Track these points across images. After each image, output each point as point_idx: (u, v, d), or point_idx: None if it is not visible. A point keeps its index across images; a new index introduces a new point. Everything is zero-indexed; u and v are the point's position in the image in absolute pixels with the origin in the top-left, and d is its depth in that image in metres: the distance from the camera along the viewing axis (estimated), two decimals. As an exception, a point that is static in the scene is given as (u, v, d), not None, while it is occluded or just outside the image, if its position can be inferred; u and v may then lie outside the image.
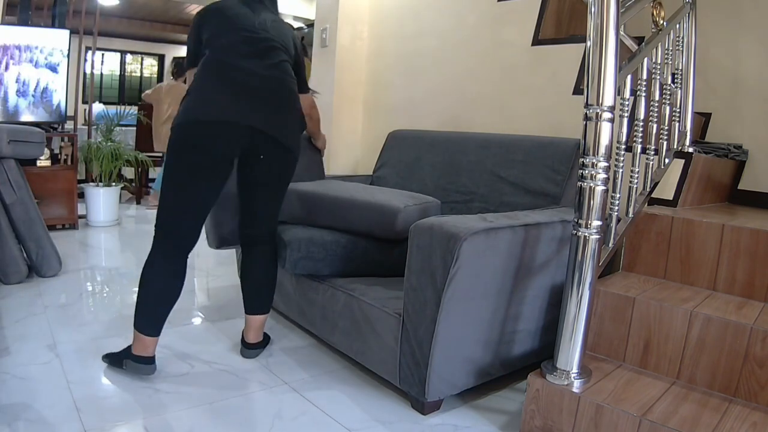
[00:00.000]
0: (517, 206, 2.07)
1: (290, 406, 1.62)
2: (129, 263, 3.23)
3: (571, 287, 1.39)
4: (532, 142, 2.18)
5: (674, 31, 1.97)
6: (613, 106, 1.33)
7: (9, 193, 2.55)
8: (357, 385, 1.77)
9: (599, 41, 1.31)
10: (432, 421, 1.58)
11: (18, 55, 3.64)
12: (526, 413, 1.48)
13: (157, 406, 1.56)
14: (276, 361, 1.92)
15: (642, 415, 1.28)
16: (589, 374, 1.46)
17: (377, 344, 1.67)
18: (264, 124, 1.66)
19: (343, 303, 1.81)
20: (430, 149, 2.58)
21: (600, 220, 1.36)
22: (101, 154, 4.07)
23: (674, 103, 2.04)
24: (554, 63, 2.41)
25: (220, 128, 1.62)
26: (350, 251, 1.92)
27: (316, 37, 3.43)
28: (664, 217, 1.80)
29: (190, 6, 6.93)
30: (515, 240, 1.56)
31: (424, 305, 1.48)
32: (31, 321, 2.12)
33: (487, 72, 2.70)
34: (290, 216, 2.10)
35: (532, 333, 1.75)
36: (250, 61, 1.67)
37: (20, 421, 1.42)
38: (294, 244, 1.88)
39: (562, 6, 2.58)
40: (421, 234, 1.49)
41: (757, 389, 1.37)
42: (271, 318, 2.34)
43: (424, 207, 1.95)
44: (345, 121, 3.34)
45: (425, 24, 3.03)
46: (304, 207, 2.08)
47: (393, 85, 3.22)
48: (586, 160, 1.34)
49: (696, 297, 1.61)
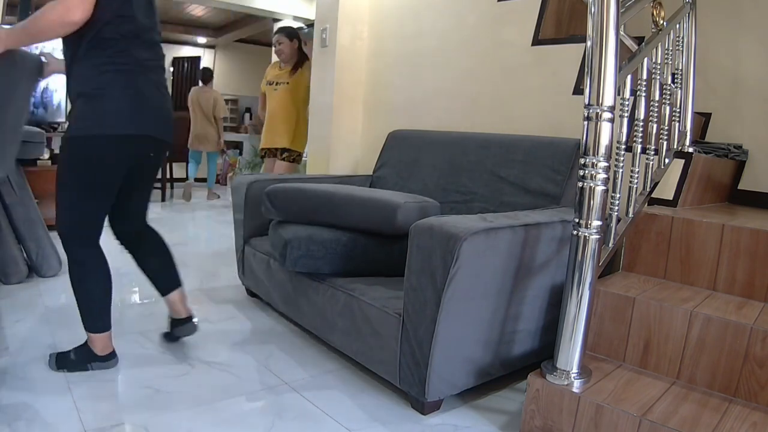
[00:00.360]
0: (517, 206, 2.07)
1: (290, 406, 1.62)
2: (129, 263, 3.22)
3: (571, 287, 1.39)
4: (532, 142, 2.18)
5: (674, 31, 1.97)
6: (613, 106, 1.33)
7: (9, 193, 2.55)
8: (357, 385, 1.77)
9: (599, 41, 1.31)
10: (432, 421, 1.58)
11: (18, 55, 3.64)
12: (526, 413, 1.48)
13: (157, 406, 1.56)
14: (276, 361, 1.92)
15: (642, 415, 1.29)
16: (589, 374, 1.46)
17: (377, 344, 1.67)
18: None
19: (343, 303, 1.81)
20: (430, 149, 2.58)
21: (600, 220, 1.36)
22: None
23: (674, 103, 2.04)
24: (554, 63, 2.41)
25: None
26: (350, 249, 1.92)
27: (316, 37, 3.43)
28: (664, 217, 1.80)
29: (190, 6, 6.93)
30: (515, 240, 1.56)
31: (424, 305, 1.48)
32: (31, 321, 2.12)
33: (487, 72, 2.70)
34: (290, 214, 2.10)
35: (532, 333, 1.75)
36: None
37: (20, 421, 1.42)
38: (294, 243, 1.89)
39: (562, 6, 2.58)
40: (421, 234, 1.49)
41: (757, 389, 1.37)
42: (271, 318, 2.34)
43: (423, 205, 1.95)
44: (345, 121, 3.34)
45: (425, 24, 3.03)
46: (303, 205, 2.07)
47: (393, 85, 3.22)
48: (586, 160, 1.35)
49: (696, 297, 1.61)
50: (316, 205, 2.05)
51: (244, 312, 2.41)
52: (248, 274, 2.48)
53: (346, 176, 2.87)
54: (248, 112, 8.73)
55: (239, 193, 2.47)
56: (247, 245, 2.46)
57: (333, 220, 2.00)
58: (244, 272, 2.51)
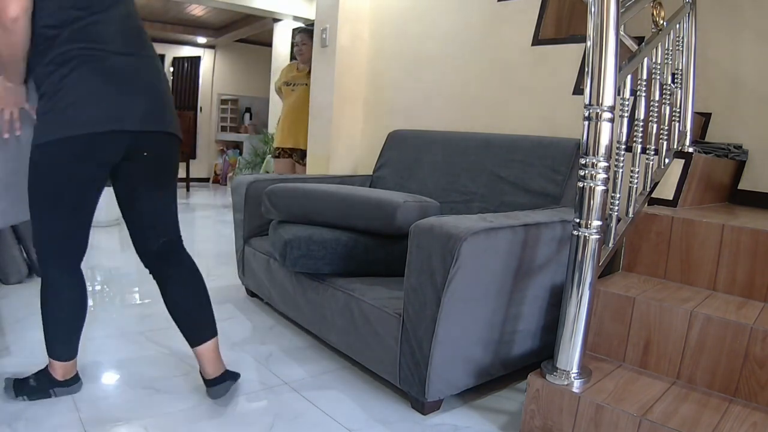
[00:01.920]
0: (517, 206, 2.07)
1: (290, 406, 1.62)
2: (129, 263, 3.23)
3: (571, 287, 1.39)
4: (532, 142, 2.18)
5: (674, 31, 1.97)
6: (613, 106, 1.33)
7: (9, 193, 2.55)
8: (357, 385, 1.77)
9: (599, 41, 1.31)
10: (432, 421, 1.58)
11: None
12: (526, 413, 1.48)
13: (157, 406, 1.56)
14: (276, 361, 1.92)
15: (642, 415, 1.28)
16: (589, 374, 1.46)
17: (377, 344, 1.67)
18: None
19: (342, 303, 1.81)
20: (430, 149, 2.58)
21: (600, 220, 1.36)
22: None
23: (674, 103, 2.04)
24: (554, 63, 2.41)
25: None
26: (350, 249, 1.92)
27: (316, 37, 3.43)
28: (664, 217, 1.80)
29: (190, 6, 6.93)
30: (515, 240, 1.56)
31: (424, 305, 1.48)
32: (31, 321, 2.12)
33: (487, 72, 2.70)
34: (290, 214, 2.10)
35: (532, 333, 1.75)
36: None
37: (20, 421, 1.42)
38: (294, 243, 1.89)
39: (562, 6, 2.58)
40: (421, 234, 1.49)
41: (757, 389, 1.37)
42: (271, 318, 2.34)
43: (423, 205, 1.95)
44: (345, 121, 3.34)
45: (425, 24, 3.03)
46: (303, 205, 2.08)
47: (393, 85, 3.22)
48: (586, 160, 1.34)
49: (696, 297, 1.61)
50: (316, 205, 2.05)
51: (244, 312, 2.41)
52: (248, 274, 2.48)
53: (346, 176, 2.87)
54: (248, 112, 8.72)
55: (239, 193, 2.48)
56: (247, 245, 2.46)
57: (333, 220, 2.00)
58: (244, 272, 2.51)
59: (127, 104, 1.36)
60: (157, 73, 1.47)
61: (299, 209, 2.09)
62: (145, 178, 1.49)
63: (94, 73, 1.33)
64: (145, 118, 1.39)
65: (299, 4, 6.02)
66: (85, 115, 1.32)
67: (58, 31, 1.30)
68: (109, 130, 1.34)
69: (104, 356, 1.88)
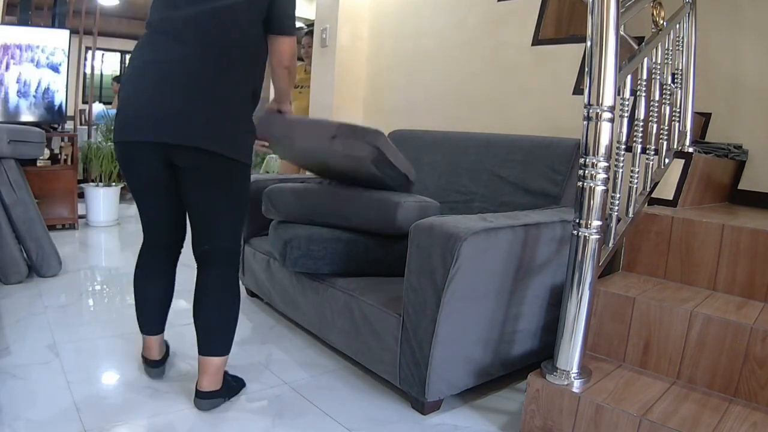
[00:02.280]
0: (517, 206, 2.07)
1: (290, 406, 1.62)
2: (129, 263, 3.22)
3: (571, 287, 1.39)
4: (532, 142, 2.18)
5: (674, 31, 1.97)
6: (613, 106, 1.33)
7: (9, 193, 2.55)
8: (357, 385, 1.77)
9: (599, 41, 1.31)
10: (432, 421, 1.58)
11: (19, 55, 3.64)
12: (526, 413, 1.48)
13: (157, 406, 1.56)
14: (276, 361, 1.92)
15: (642, 415, 1.28)
16: (589, 374, 1.46)
17: (377, 344, 1.67)
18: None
19: (342, 303, 1.81)
20: (430, 149, 2.58)
21: (600, 220, 1.36)
22: (101, 154, 4.08)
23: (674, 103, 2.04)
24: (554, 63, 2.41)
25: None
26: (350, 249, 1.92)
27: (316, 37, 3.43)
28: (664, 217, 1.80)
29: (190, 6, 6.91)
30: (515, 240, 1.55)
31: (424, 305, 1.48)
32: (31, 321, 2.12)
33: (487, 72, 2.70)
34: (290, 214, 2.10)
35: (532, 333, 1.75)
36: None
37: (20, 421, 1.42)
38: (294, 242, 1.88)
39: (562, 6, 2.58)
40: (421, 234, 1.49)
41: (757, 389, 1.37)
42: (271, 318, 2.34)
43: (423, 204, 1.95)
44: (345, 121, 3.34)
45: (425, 24, 3.03)
46: (303, 205, 2.07)
47: (393, 85, 3.22)
48: (586, 160, 1.34)
49: (696, 297, 1.61)
50: (316, 205, 2.05)
51: (244, 312, 2.39)
52: (248, 274, 2.48)
53: (346, 176, 2.86)
54: (248, 112, 8.71)
55: (239, 193, 2.47)
56: (247, 245, 2.46)
57: (333, 219, 2.00)
58: (244, 272, 2.51)
59: (146, 115, 1.45)
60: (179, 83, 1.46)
61: (299, 209, 2.08)
62: (187, 187, 1.51)
63: (130, 83, 1.51)
64: (172, 130, 1.40)
65: (299, 4, 6.02)
66: (118, 124, 1.51)
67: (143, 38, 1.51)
68: (129, 140, 1.48)
69: (104, 356, 1.88)
